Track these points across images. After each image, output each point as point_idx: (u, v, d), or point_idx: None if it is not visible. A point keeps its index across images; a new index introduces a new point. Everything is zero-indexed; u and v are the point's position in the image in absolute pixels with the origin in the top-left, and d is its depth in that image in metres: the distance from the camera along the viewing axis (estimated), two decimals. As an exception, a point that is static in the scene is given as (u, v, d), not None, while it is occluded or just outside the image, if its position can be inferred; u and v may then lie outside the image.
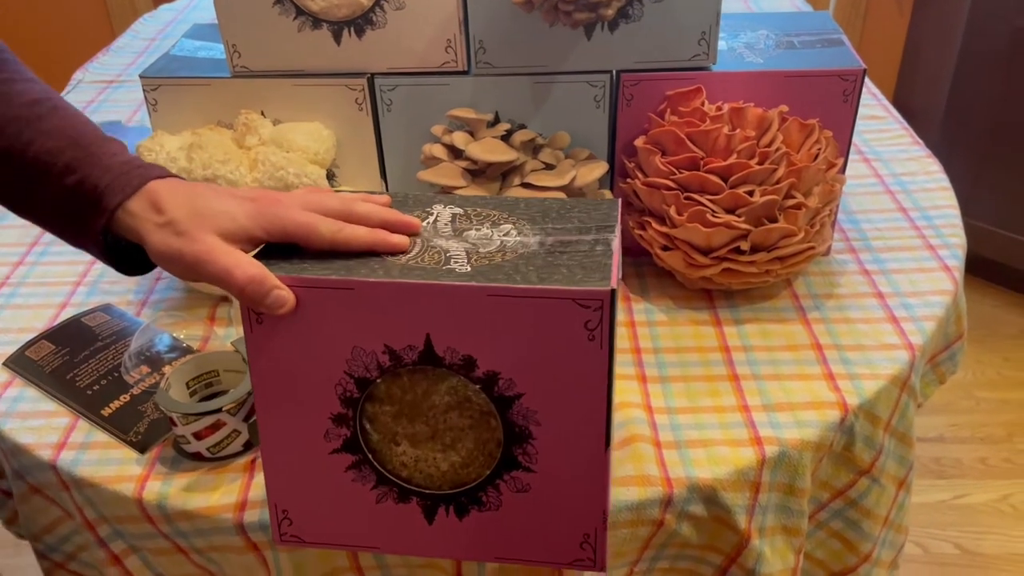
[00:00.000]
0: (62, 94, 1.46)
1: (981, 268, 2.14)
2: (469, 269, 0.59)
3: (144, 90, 0.94)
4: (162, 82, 0.94)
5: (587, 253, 0.60)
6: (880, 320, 0.91)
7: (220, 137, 0.91)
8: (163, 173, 0.64)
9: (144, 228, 0.61)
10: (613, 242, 0.61)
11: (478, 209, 0.66)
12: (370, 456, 0.64)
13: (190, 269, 0.60)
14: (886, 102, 1.34)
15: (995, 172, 1.96)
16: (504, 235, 0.63)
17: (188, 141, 0.90)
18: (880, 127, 1.26)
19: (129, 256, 0.67)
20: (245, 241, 0.61)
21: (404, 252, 0.61)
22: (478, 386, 0.61)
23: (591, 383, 0.59)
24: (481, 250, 0.61)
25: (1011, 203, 1.98)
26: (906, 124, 1.28)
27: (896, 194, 1.12)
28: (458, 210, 0.66)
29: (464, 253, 0.61)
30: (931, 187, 1.13)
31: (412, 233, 0.63)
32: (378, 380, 0.62)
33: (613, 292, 0.56)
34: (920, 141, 1.23)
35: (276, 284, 0.58)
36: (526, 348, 0.59)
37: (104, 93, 1.47)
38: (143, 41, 1.68)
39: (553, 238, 0.62)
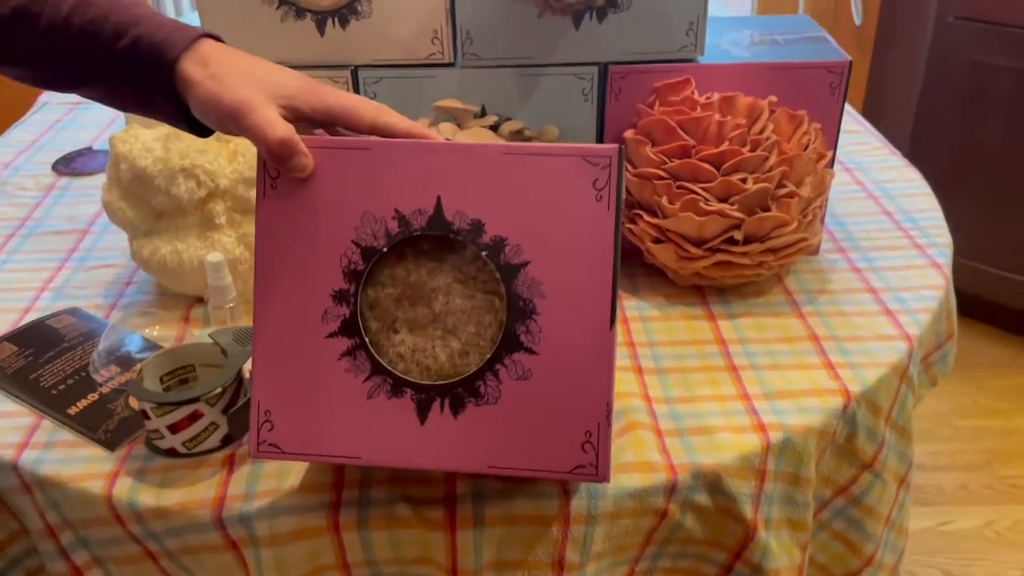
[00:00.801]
0: (28, 115, 1.44)
1: (951, 299, 2.16)
2: None
3: (118, 84, 0.91)
4: (138, 75, 0.91)
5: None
6: (875, 313, 0.89)
7: (198, 130, 0.88)
8: (213, 34, 0.64)
9: (192, 79, 0.61)
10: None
11: None
12: (367, 340, 0.62)
13: (226, 118, 0.60)
14: (861, 118, 1.35)
15: (959, 204, 1.99)
16: None
17: (164, 132, 0.87)
18: (858, 140, 1.27)
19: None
20: (289, 110, 0.62)
21: None
22: (484, 253, 0.60)
23: (598, 248, 0.59)
24: None
25: (976, 234, 2.01)
26: (882, 137, 1.29)
27: (879, 199, 1.12)
28: None
29: None
30: (913, 193, 1.13)
31: None
32: (384, 249, 0.61)
33: (620, 150, 0.59)
34: (897, 152, 1.24)
35: (303, 150, 0.61)
36: (535, 210, 0.59)
37: (71, 114, 1.44)
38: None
39: None
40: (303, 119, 0.62)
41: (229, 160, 0.86)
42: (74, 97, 1.50)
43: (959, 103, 1.98)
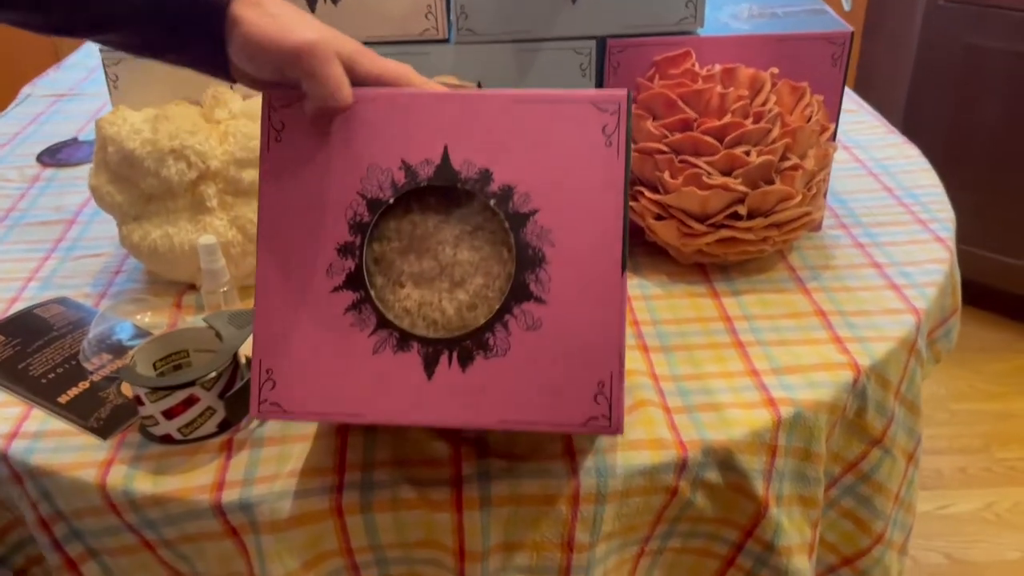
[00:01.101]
0: (9, 108, 1.41)
1: (945, 284, 2.15)
2: None
3: (104, 65, 0.89)
4: (124, 56, 0.88)
5: None
6: (881, 287, 0.88)
7: (186, 110, 0.85)
8: None
9: (246, 18, 0.58)
10: None
11: None
12: (372, 294, 0.60)
13: (284, 58, 0.58)
14: (857, 97, 1.34)
15: (952, 188, 1.98)
16: None
17: (153, 114, 0.84)
18: (855, 119, 1.26)
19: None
20: (344, 60, 0.59)
21: None
22: (493, 201, 0.59)
23: (608, 195, 0.58)
24: None
25: (970, 218, 2.00)
26: (879, 115, 1.27)
27: (879, 176, 1.10)
28: None
29: None
30: (912, 169, 1.12)
31: None
32: (391, 201, 0.59)
33: (629, 94, 0.58)
34: (895, 130, 1.23)
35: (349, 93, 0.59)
36: (543, 157, 0.58)
37: (55, 105, 1.41)
38: (97, 58, 1.63)
39: None
40: (355, 82, 0.60)
41: (220, 141, 0.84)
42: (58, 88, 1.49)
43: (951, 87, 1.98)
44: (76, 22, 0.61)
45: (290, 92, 0.61)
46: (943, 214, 1.02)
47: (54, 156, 1.23)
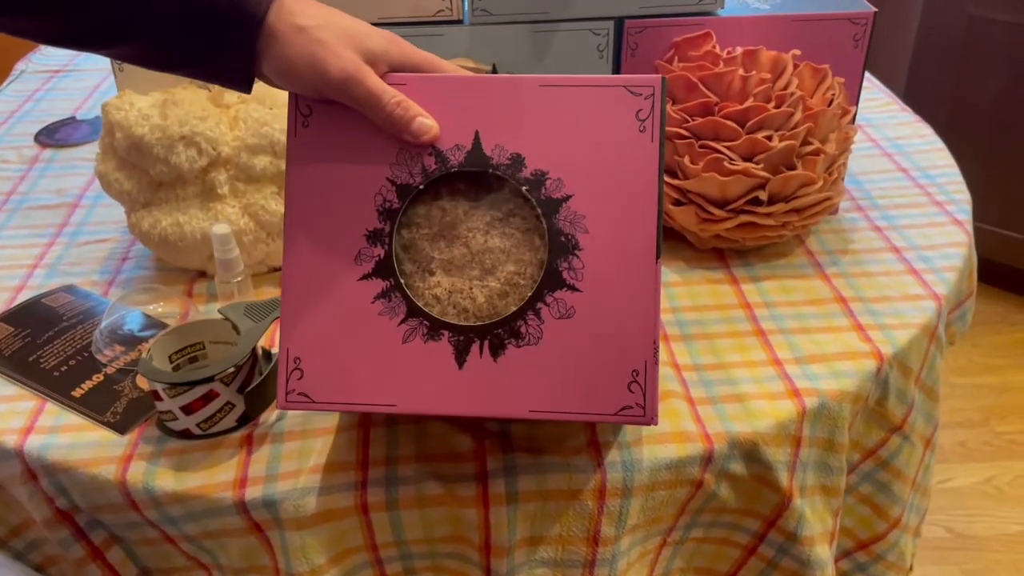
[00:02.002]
0: (4, 85, 1.38)
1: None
2: None
3: (109, 48, 0.86)
4: (129, 38, 0.86)
5: None
6: (900, 272, 0.87)
7: (195, 95, 0.83)
8: None
9: (281, 35, 0.56)
10: None
11: None
12: (402, 282, 0.59)
13: (331, 86, 0.57)
14: (869, 74, 1.32)
15: (954, 159, 1.98)
16: None
17: (161, 99, 0.82)
18: (867, 96, 1.24)
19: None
20: (380, 65, 0.58)
21: None
22: (525, 187, 0.58)
23: (641, 180, 0.57)
24: None
25: (973, 192, 2.00)
26: (891, 93, 1.26)
27: (894, 156, 1.09)
28: None
29: None
30: (927, 149, 1.11)
31: None
32: (421, 187, 0.59)
33: (663, 80, 0.57)
34: (908, 108, 1.21)
35: (420, 111, 0.58)
36: (576, 142, 0.58)
37: (51, 82, 1.38)
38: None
39: None
40: (388, 71, 0.59)
41: (231, 127, 0.82)
42: (53, 64, 1.46)
43: (953, 58, 1.96)
44: (87, 30, 0.57)
45: None
46: (960, 195, 1.01)
47: (52, 136, 1.20)
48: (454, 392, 0.59)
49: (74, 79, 1.38)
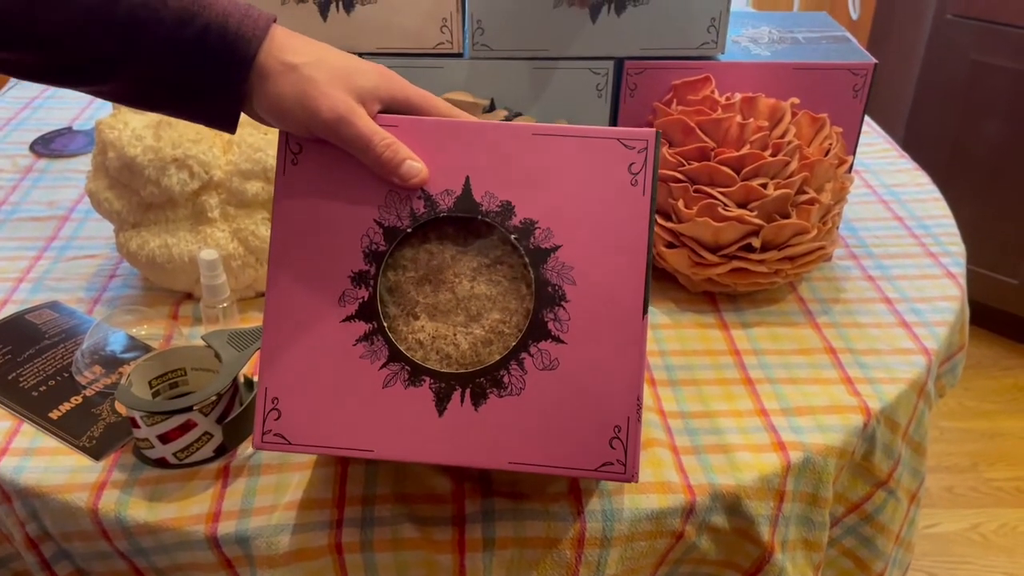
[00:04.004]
0: (2, 91, 1.37)
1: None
2: None
3: (106, 65, 0.86)
4: (126, 57, 0.85)
5: None
6: (891, 325, 0.87)
7: (190, 117, 0.83)
8: (274, 15, 0.58)
9: (271, 73, 0.55)
10: None
11: None
12: (385, 325, 0.59)
13: (321, 126, 0.56)
14: (868, 119, 1.32)
15: (951, 204, 1.98)
16: None
17: (155, 119, 0.82)
18: (866, 141, 1.24)
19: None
20: (372, 103, 0.57)
21: None
22: (514, 236, 0.57)
23: (632, 234, 0.57)
24: None
25: (964, 235, 2.00)
26: (890, 139, 1.26)
27: (890, 204, 1.09)
28: None
29: None
30: (924, 198, 1.11)
31: None
32: (409, 230, 0.58)
33: (658, 135, 0.57)
34: (906, 155, 1.21)
35: (410, 154, 0.57)
36: (567, 193, 0.57)
37: (49, 90, 1.38)
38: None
39: None
40: (382, 110, 0.59)
41: (224, 151, 0.82)
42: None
43: (955, 102, 1.96)
44: (68, 66, 0.54)
45: None
46: (954, 248, 1.00)
47: (48, 146, 1.20)
48: (433, 440, 0.58)
49: (73, 88, 1.38)
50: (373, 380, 0.58)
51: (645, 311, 0.57)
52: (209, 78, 0.55)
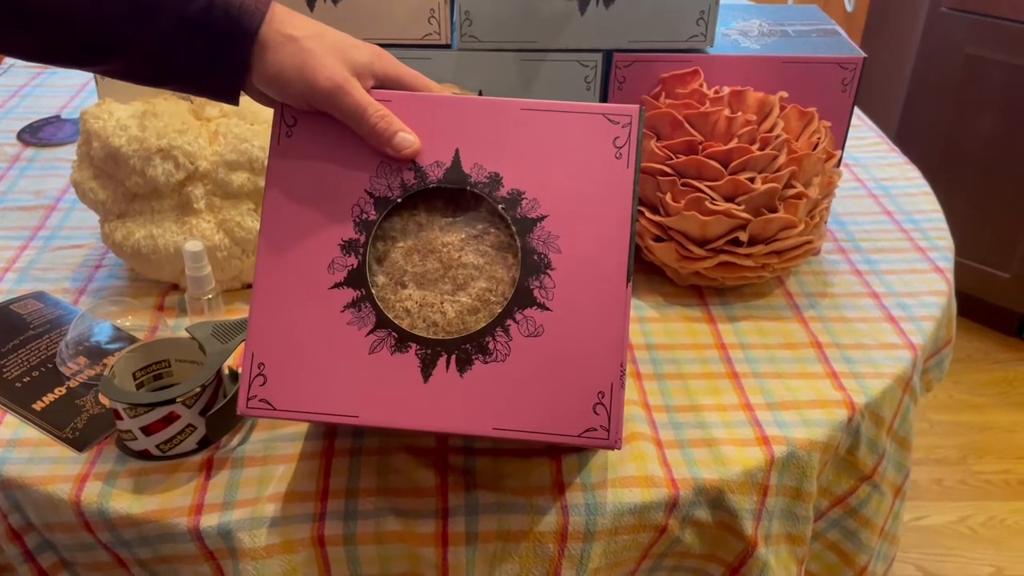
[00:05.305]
0: (-9, 78, 1.36)
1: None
2: None
3: (91, 54, 0.85)
4: (112, 46, 0.85)
5: None
6: (878, 319, 0.87)
7: (175, 107, 0.82)
8: None
9: (273, 46, 0.57)
10: None
11: None
12: (373, 293, 0.59)
13: (318, 95, 0.58)
14: (859, 111, 1.32)
15: (941, 196, 1.98)
16: None
17: (141, 109, 0.81)
18: (857, 135, 1.24)
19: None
20: (366, 78, 0.59)
21: None
22: (501, 205, 0.59)
23: (616, 205, 0.59)
24: None
25: (957, 228, 2.00)
26: (881, 132, 1.26)
27: (879, 198, 1.09)
28: None
29: None
30: (913, 192, 1.11)
31: None
32: (399, 200, 0.60)
33: (641, 111, 0.59)
34: (896, 149, 1.21)
35: (402, 126, 0.59)
36: (554, 165, 0.59)
37: (38, 78, 1.37)
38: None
39: None
40: (375, 87, 0.60)
41: (210, 141, 0.81)
42: (41, 60, 1.44)
43: (949, 95, 1.96)
44: (74, 45, 0.56)
45: None
46: (943, 242, 1.00)
47: (35, 134, 1.19)
48: (418, 406, 0.58)
49: (62, 76, 1.37)
50: (359, 347, 0.59)
51: (629, 279, 0.59)
52: (214, 50, 0.57)
